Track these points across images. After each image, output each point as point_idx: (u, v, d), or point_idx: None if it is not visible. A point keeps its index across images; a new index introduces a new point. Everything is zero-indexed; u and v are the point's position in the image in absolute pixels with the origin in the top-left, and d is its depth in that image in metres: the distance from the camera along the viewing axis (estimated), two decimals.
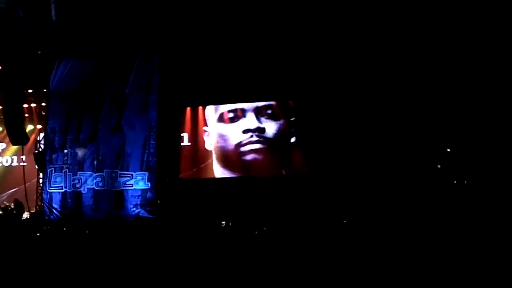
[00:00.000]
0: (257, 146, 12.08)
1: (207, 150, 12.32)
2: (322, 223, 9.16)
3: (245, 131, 12.14)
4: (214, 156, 12.40)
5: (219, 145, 12.34)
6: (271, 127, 12.04)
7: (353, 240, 7.85)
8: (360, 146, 10.43)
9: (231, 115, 12.35)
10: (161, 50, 10.91)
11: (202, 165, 12.24)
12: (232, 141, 12.23)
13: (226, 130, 12.31)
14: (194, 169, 12.13)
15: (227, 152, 12.32)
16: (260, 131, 12.06)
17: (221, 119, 12.45)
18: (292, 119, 11.96)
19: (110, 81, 11.08)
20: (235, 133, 12.21)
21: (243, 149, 12.20)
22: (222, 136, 12.33)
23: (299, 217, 9.69)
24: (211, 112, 12.48)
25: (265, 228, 9.02)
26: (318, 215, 9.65)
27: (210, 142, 12.41)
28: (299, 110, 11.81)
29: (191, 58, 10.98)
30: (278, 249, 7.72)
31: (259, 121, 12.12)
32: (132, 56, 11.01)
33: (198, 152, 12.33)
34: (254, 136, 12.12)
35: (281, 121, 12.02)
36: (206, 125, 12.40)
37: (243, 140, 12.17)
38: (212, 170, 12.17)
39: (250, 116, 12.20)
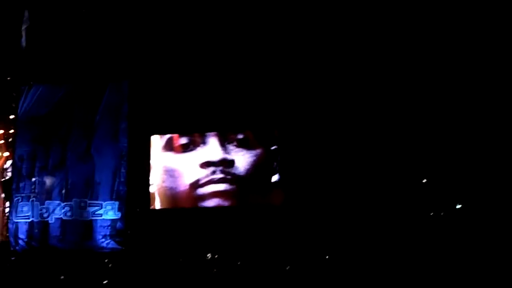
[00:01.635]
0: (222, 186, 9.73)
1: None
2: (305, 258, 9.26)
3: (205, 165, 9.81)
4: (157, 201, 10.44)
5: (165, 185, 10.10)
6: (242, 160, 9.77)
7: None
8: (349, 178, 9.87)
9: (184, 140, 10.14)
10: (132, 76, 10.95)
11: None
12: (185, 180, 9.99)
13: (176, 162, 10.06)
14: None
15: (177, 196, 10.14)
16: (226, 164, 9.76)
17: (169, 146, 10.29)
18: (273, 147, 9.90)
19: (79, 108, 11.04)
20: (190, 168, 9.88)
21: (201, 191, 9.81)
22: (169, 172, 10.12)
23: (281, 250, 9.51)
24: (155, 138, 10.54)
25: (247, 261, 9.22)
26: (300, 249, 9.46)
27: (152, 182, 10.34)
28: (283, 136, 10.07)
29: (162, 84, 10.85)
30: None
31: (226, 151, 9.85)
32: (102, 82, 11.02)
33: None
34: (218, 172, 9.72)
35: (257, 151, 9.80)
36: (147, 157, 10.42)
37: (202, 178, 9.75)
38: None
39: (213, 143, 9.89)
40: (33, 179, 11.10)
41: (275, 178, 9.84)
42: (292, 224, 9.91)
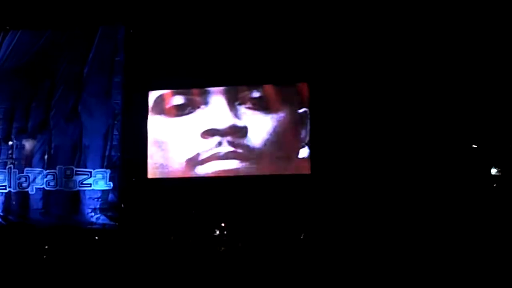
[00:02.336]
0: (231, 164, 8.22)
1: None
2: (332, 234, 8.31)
3: (207, 134, 8.20)
4: None
5: (153, 161, 8.82)
6: (259, 127, 8.10)
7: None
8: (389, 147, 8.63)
9: (179, 100, 8.55)
10: (128, 20, 9.92)
11: None
12: (180, 154, 8.57)
13: (168, 130, 8.54)
14: None
15: (169, 176, 8.96)
16: (237, 133, 8.16)
17: (158, 108, 8.77)
18: (301, 110, 8.19)
19: (65, 58, 10.24)
20: (187, 137, 8.32)
21: (202, 170, 8.29)
22: (159, 144, 8.69)
23: (301, 225, 8.52)
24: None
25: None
26: (324, 225, 8.42)
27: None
28: (314, 94, 8.27)
29: (164, 29, 9.58)
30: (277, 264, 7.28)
31: (236, 114, 8.23)
32: (93, 27, 10.12)
33: None
34: (225, 144, 8.15)
35: (280, 115, 8.16)
36: None
37: (203, 152, 8.19)
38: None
39: (218, 103, 8.20)
40: (10, 143, 10.45)
41: (303, 153, 8.35)
42: (319, 197, 8.65)
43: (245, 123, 8.60)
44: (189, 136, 8.90)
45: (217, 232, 8.89)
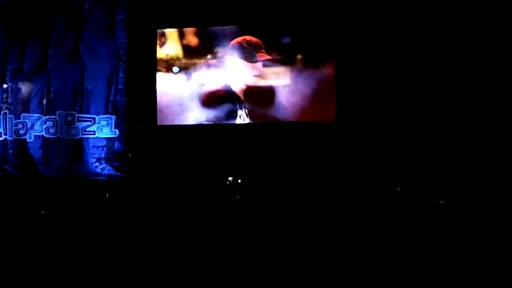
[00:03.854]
0: None
1: None
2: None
3: (213, 98, 6.75)
4: None
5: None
6: (292, 89, 6.62)
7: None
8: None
9: (169, 48, 7.39)
10: None
11: None
12: None
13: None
14: None
15: (181, 124, 8.14)
16: (258, 98, 6.66)
17: None
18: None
19: None
20: (184, 105, 7.13)
21: None
22: None
23: (323, 176, 7.90)
24: None
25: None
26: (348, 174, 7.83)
27: None
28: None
29: None
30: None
31: (258, 70, 6.69)
32: None
33: None
34: (243, 115, 6.79)
35: (322, 71, 6.56)
36: None
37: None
38: None
39: (229, 52, 6.65)
40: (5, 86, 9.99)
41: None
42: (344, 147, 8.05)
43: (271, 82, 7.09)
44: (187, 102, 7.75)
45: (233, 184, 8.38)
